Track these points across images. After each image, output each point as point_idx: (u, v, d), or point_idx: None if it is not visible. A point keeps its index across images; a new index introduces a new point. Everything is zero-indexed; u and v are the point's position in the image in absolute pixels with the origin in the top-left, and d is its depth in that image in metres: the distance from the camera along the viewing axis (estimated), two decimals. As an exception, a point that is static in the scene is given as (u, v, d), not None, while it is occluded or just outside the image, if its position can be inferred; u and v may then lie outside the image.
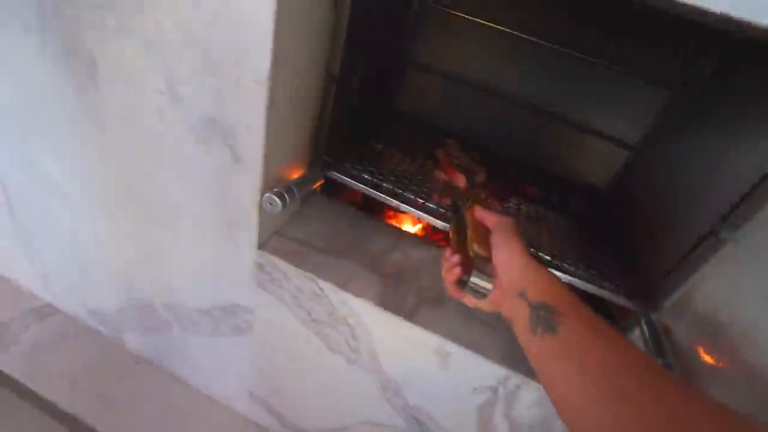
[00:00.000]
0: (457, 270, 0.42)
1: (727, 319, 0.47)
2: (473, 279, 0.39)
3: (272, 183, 0.56)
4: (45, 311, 1.02)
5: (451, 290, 0.44)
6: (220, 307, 0.72)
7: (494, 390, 0.58)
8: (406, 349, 0.60)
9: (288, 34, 0.44)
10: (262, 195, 0.54)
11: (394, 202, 0.64)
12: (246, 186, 0.55)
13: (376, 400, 0.69)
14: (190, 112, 0.51)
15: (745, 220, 0.51)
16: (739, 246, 0.50)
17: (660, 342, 0.53)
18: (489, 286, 0.39)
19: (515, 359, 0.57)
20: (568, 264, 0.63)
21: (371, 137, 0.86)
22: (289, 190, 0.54)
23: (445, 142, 0.88)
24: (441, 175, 0.77)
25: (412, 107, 1.05)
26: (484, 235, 0.42)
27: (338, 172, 0.65)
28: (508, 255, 0.38)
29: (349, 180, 0.65)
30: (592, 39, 0.85)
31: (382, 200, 0.64)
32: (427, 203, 0.66)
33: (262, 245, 0.61)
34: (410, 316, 0.57)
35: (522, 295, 0.36)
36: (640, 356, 0.29)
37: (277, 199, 0.52)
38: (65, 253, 0.85)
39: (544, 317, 0.33)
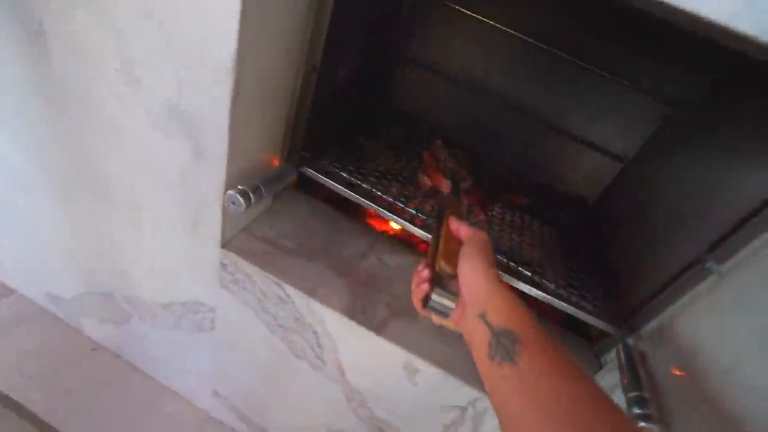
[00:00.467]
0: (425, 286, 0.39)
1: (707, 356, 0.45)
2: (434, 297, 0.37)
3: (238, 179, 0.51)
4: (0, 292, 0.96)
5: (417, 306, 0.41)
6: (181, 302, 0.68)
7: (463, 410, 0.55)
8: (373, 361, 0.57)
9: (258, 18, 0.40)
10: (226, 191, 0.50)
11: (370, 205, 0.60)
12: (209, 181, 0.50)
13: (341, 408, 0.66)
14: (150, 96, 0.46)
15: (733, 253, 0.48)
16: (724, 280, 0.48)
17: (635, 369, 0.51)
18: (450, 305, 0.37)
19: (485, 380, 0.54)
20: (548, 281, 0.61)
21: (357, 133, 0.82)
22: (256, 189, 0.50)
23: (431, 144, 0.85)
24: (425, 179, 0.73)
25: (402, 104, 1.01)
26: (456, 249, 0.40)
27: (313, 169, 0.61)
28: (471, 272, 0.36)
29: (323, 178, 0.61)
30: (594, 47, 0.81)
31: (359, 203, 0.60)
32: (406, 208, 0.62)
33: (226, 243, 0.57)
34: (379, 329, 0.54)
35: (483, 317, 0.33)
36: (601, 401, 0.28)
37: (241, 199, 0.47)
38: (19, 235, 0.79)
39: (504, 345, 0.31)
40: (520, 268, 0.61)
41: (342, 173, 0.63)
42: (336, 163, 0.65)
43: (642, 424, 0.43)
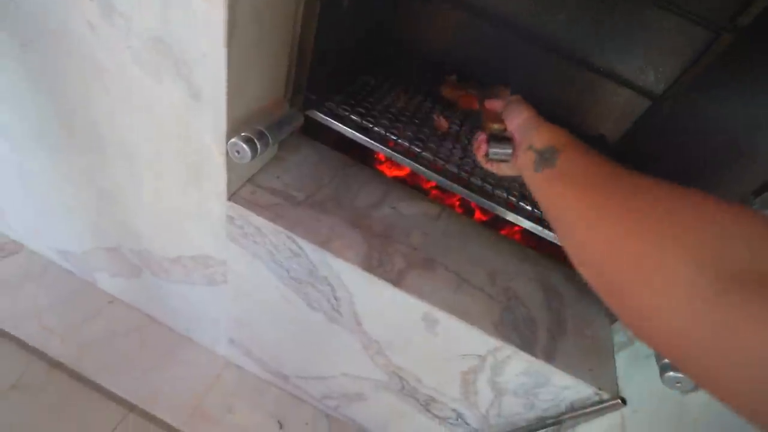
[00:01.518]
0: (484, 145, 0.44)
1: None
2: (491, 149, 0.43)
3: (240, 125, 0.47)
4: (8, 248, 0.95)
5: (483, 163, 0.46)
6: (190, 257, 0.66)
7: (483, 358, 0.55)
8: (392, 313, 0.56)
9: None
10: (228, 139, 0.45)
11: (385, 151, 0.56)
12: (208, 127, 0.46)
13: (358, 356, 0.67)
14: (130, 30, 0.40)
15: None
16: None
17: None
18: (506, 149, 0.42)
19: (507, 329, 0.53)
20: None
21: (365, 72, 0.74)
22: (262, 135, 0.45)
23: (446, 80, 0.78)
24: (441, 121, 0.68)
25: (414, 39, 0.91)
26: (499, 114, 0.46)
27: (321, 113, 0.56)
28: (517, 117, 0.42)
29: (333, 122, 0.56)
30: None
31: (373, 148, 0.56)
32: (422, 153, 0.58)
33: (232, 196, 0.54)
34: (397, 281, 0.52)
35: (531, 147, 0.37)
36: (634, 175, 0.29)
37: (246, 147, 0.43)
38: (16, 191, 0.76)
39: (546, 157, 0.35)
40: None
41: (352, 116, 0.58)
42: (345, 105, 0.60)
43: (671, 373, 0.42)
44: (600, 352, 0.56)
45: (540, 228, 0.56)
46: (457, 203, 0.85)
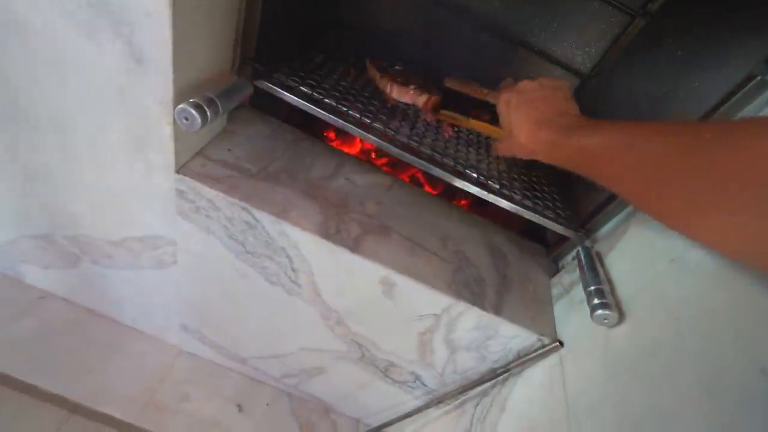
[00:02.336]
0: None
1: (657, 249, 0.49)
2: None
3: (188, 92, 0.45)
4: None
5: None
6: (136, 238, 0.63)
7: (437, 317, 0.58)
8: (350, 280, 0.58)
9: None
10: (175, 106, 0.44)
11: (338, 122, 0.57)
12: (153, 93, 0.44)
13: (318, 328, 0.68)
14: (61, -16, 0.38)
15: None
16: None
17: (594, 266, 0.56)
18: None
19: (459, 287, 0.57)
20: (515, 192, 0.62)
21: (311, 48, 0.74)
22: (211, 102, 0.44)
23: (367, 63, 0.78)
24: (391, 95, 0.69)
25: (357, 17, 0.92)
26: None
27: (271, 83, 0.55)
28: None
29: (284, 92, 0.55)
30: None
31: (324, 118, 0.56)
32: (373, 123, 0.59)
33: (180, 168, 0.52)
34: (354, 247, 0.54)
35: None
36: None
37: (195, 113, 0.42)
38: None
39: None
40: (489, 182, 0.61)
41: (302, 88, 0.58)
42: (294, 77, 0.60)
43: (600, 311, 0.48)
44: (540, 303, 0.62)
45: (485, 193, 0.60)
46: (408, 179, 0.88)
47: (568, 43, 0.87)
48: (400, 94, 0.69)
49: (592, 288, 0.50)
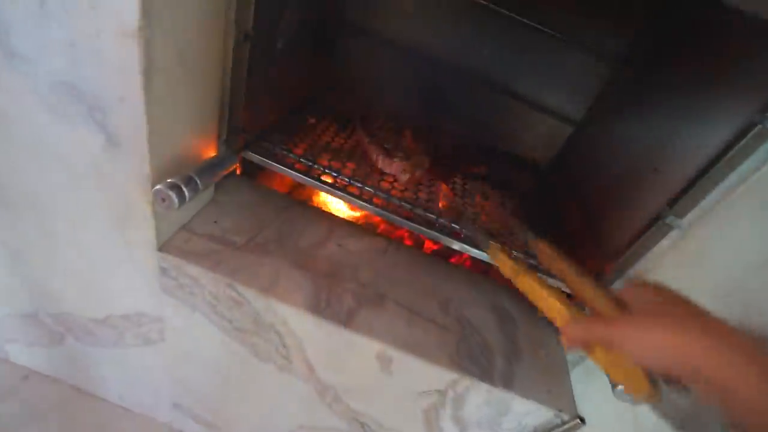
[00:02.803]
0: None
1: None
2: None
3: (167, 169, 0.44)
4: None
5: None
6: (120, 316, 0.60)
7: (442, 393, 0.53)
8: (345, 356, 0.53)
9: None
10: (153, 185, 0.42)
11: (326, 189, 0.55)
12: (131, 174, 0.43)
13: (314, 405, 0.62)
14: (36, 74, 0.37)
15: (691, 208, 0.48)
16: (685, 234, 0.48)
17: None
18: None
19: (464, 359, 0.52)
20: (515, 250, 0.59)
21: (302, 110, 0.74)
22: (189, 180, 0.43)
23: (364, 131, 0.77)
24: (379, 163, 0.68)
25: (348, 76, 0.94)
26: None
27: (258, 153, 0.54)
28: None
29: (270, 162, 0.54)
30: (539, 6, 0.78)
31: (310, 185, 0.55)
32: (364, 188, 0.57)
33: (163, 246, 0.50)
34: (347, 321, 0.50)
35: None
36: None
37: (172, 194, 0.40)
38: None
39: None
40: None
41: (290, 156, 0.57)
42: (282, 144, 0.59)
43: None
44: (555, 371, 0.56)
45: (486, 256, 0.56)
46: (406, 236, 0.85)
47: (556, 91, 0.88)
48: (385, 165, 0.68)
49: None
